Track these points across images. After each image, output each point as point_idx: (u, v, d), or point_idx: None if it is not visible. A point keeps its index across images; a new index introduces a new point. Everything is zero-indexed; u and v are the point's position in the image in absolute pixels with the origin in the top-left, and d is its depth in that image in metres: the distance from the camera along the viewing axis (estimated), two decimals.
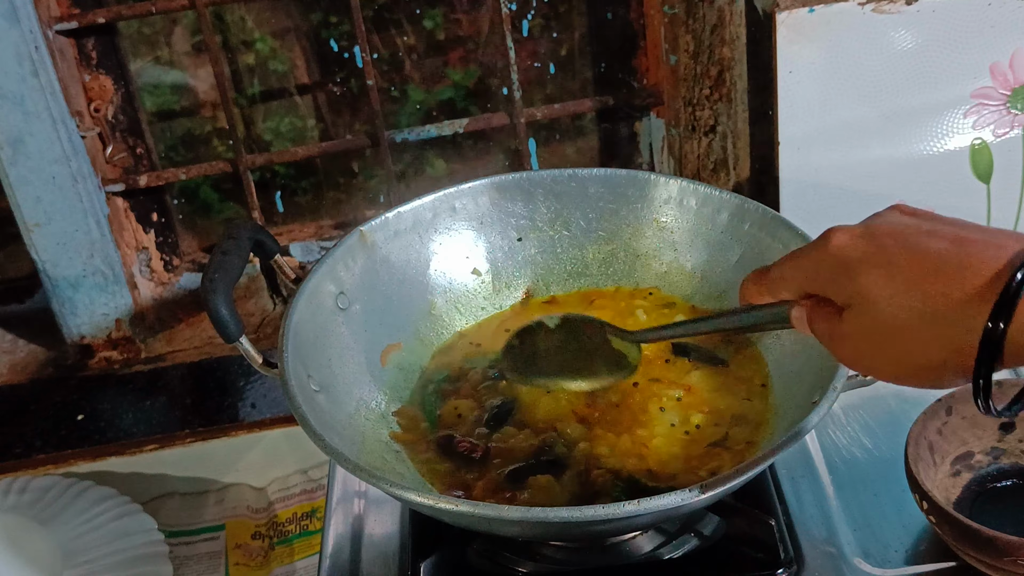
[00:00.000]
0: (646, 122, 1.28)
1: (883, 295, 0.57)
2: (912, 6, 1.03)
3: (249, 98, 1.32)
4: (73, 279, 1.20)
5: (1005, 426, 0.90)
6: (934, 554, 0.86)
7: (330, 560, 0.92)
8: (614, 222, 1.00)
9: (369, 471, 0.74)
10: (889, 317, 0.57)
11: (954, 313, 0.54)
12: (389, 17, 1.29)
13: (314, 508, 1.15)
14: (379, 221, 0.96)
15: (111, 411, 1.21)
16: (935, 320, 0.55)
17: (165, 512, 1.16)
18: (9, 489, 1.09)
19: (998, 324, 0.53)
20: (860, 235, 0.59)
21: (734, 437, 0.84)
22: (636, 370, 0.83)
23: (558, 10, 1.28)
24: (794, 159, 1.09)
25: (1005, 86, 1.07)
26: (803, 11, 1.03)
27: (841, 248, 0.59)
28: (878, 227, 0.59)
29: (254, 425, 1.17)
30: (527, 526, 0.74)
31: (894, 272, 0.57)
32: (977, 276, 0.54)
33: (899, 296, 0.56)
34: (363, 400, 0.89)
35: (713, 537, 0.87)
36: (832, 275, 0.60)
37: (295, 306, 0.86)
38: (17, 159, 1.13)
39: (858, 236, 0.59)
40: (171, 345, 1.26)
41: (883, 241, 0.58)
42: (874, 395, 0.99)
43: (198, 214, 1.35)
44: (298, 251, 1.29)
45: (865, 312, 0.58)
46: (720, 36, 1.12)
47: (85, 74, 1.19)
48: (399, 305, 0.96)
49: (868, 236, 0.59)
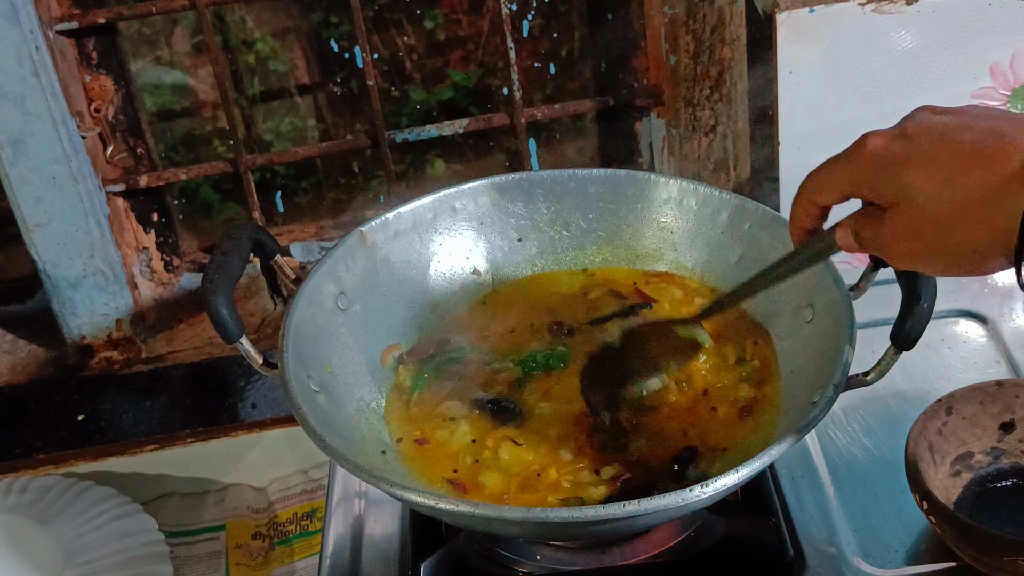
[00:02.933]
0: (646, 122, 1.28)
1: (925, 190, 0.59)
2: (912, 6, 1.03)
3: (249, 98, 1.32)
4: (73, 279, 1.20)
5: (1005, 426, 0.90)
6: (934, 554, 0.86)
7: (330, 560, 0.92)
8: (614, 222, 1.00)
9: (369, 471, 0.74)
10: (933, 211, 0.59)
11: (993, 198, 0.57)
12: (389, 17, 1.29)
13: (314, 508, 1.15)
14: (379, 221, 0.96)
15: (111, 411, 1.21)
16: (977, 207, 0.57)
17: (165, 512, 1.16)
18: (9, 489, 1.09)
19: None
20: (896, 136, 0.61)
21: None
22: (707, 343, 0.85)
23: (558, 10, 1.28)
24: (794, 159, 1.09)
25: (1005, 86, 1.07)
26: (803, 11, 1.03)
27: (878, 150, 0.61)
28: (913, 126, 0.61)
29: (254, 425, 1.17)
30: (527, 526, 0.74)
31: (933, 167, 0.59)
32: (1011, 160, 0.56)
33: (940, 189, 0.58)
34: (363, 400, 0.89)
35: (713, 537, 0.87)
36: (872, 177, 0.62)
37: (295, 306, 0.86)
38: (18, 159, 1.13)
39: (894, 137, 0.61)
40: (171, 345, 1.26)
41: (919, 139, 0.60)
42: (874, 395, 0.99)
43: (198, 214, 1.35)
44: (298, 251, 1.29)
45: (909, 209, 0.60)
46: (720, 36, 1.13)
47: (85, 74, 1.19)
48: (399, 305, 0.96)
49: (903, 136, 0.61)
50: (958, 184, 0.58)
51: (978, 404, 0.90)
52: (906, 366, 0.92)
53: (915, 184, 0.59)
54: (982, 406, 0.90)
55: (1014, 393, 0.90)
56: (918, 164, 0.59)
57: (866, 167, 0.62)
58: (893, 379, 0.92)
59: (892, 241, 0.62)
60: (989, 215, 0.57)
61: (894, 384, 1.00)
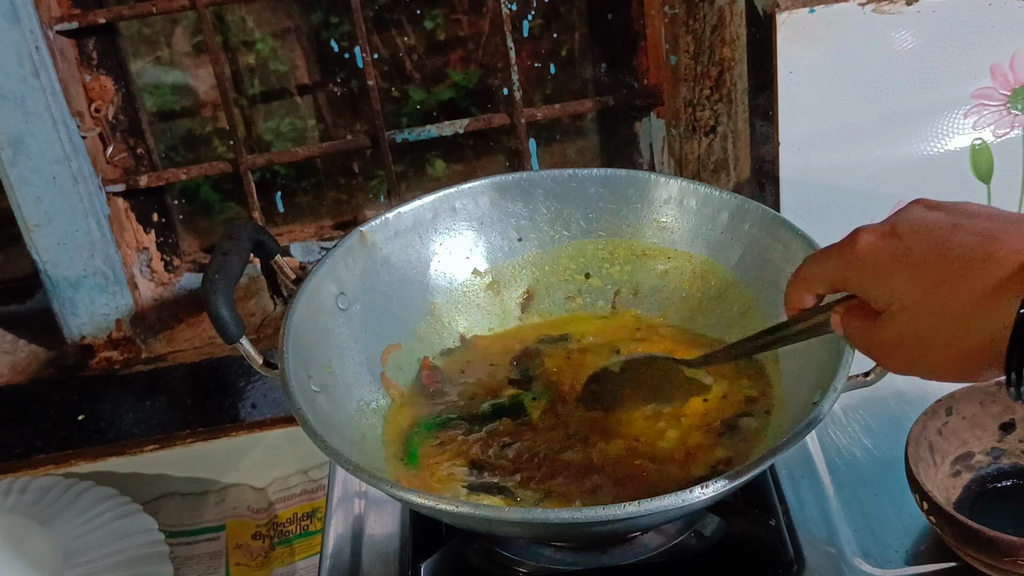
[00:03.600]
0: (646, 122, 1.28)
1: (912, 298, 0.57)
2: (912, 6, 1.03)
3: (250, 98, 1.32)
4: (74, 279, 1.20)
5: (1005, 426, 0.90)
6: (934, 554, 0.86)
7: (330, 560, 0.92)
8: (614, 222, 1.00)
9: (369, 471, 0.74)
10: (922, 319, 0.57)
11: (984, 307, 0.54)
12: (389, 18, 1.29)
13: (314, 508, 1.15)
14: (379, 221, 0.96)
15: (112, 411, 1.21)
16: (967, 316, 0.55)
17: (165, 512, 1.16)
18: (9, 489, 1.09)
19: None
20: (886, 235, 0.59)
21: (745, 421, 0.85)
22: (711, 388, 0.85)
23: (558, 10, 1.28)
24: (794, 159, 1.08)
25: (1005, 86, 1.07)
26: (803, 11, 1.03)
27: (868, 250, 0.60)
28: (903, 225, 0.59)
29: (254, 425, 1.18)
30: (527, 527, 0.74)
31: (921, 274, 0.57)
32: (1003, 268, 0.54)
33: (929, 297, 0.56)
34: (363, 400, 0.89)
35: (713, 537, 0.87)
36: (861, 279, 0.60)
37: (295, 306, 0.86)
38: (18, 159, 1.13)
39: (884, 236, 0.59)
40: (172, 345, 1.26)
41: (908, 241, 0.58)
42: (874, 395, 0.99)
43: (199, 214, 1.35)
44: (298, 251, 1.29)
45: (898, 317, 0.58)
46: (720, 36, 1.13)
47: (86, 74, 1.19)
48: (399, 305, 0.96)
49: (894, 236, 0.59)
50: (946, 292, 0.56)
51: (978, 404, 0.90)
52: None
53: (902, 291, 0.58)
54: (982, 406, 0.90)
55: None
56: (906, 270, 0.58)
57: (855, 268, 0.61)
58: (893, 379, 0.91)
59: (882, 347, 0.61)
60: (978, 325, 0.55)
61: (894, 384, 1.00)
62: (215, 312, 0.79)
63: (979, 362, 0.56)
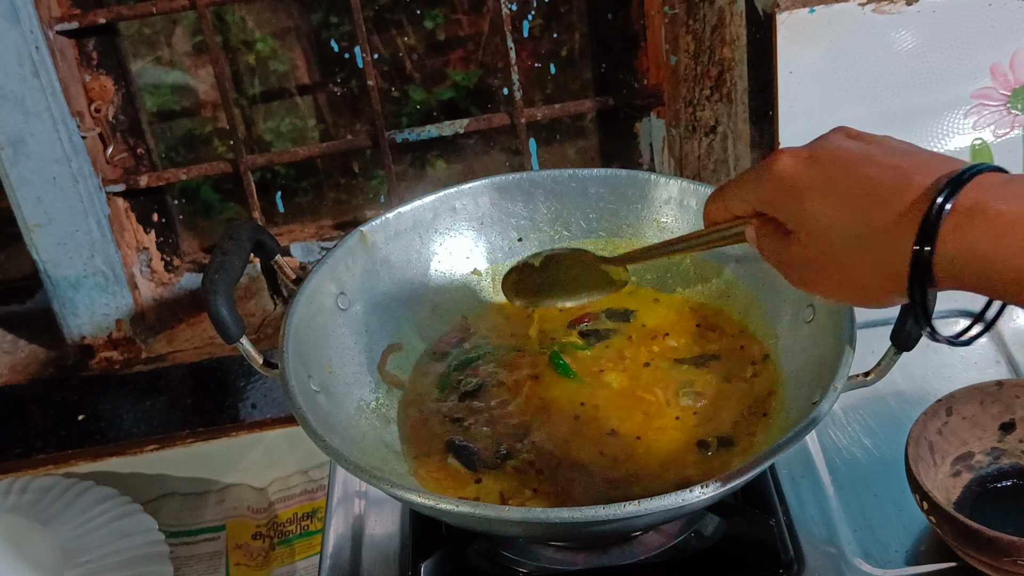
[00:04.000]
0: (646, 122, 1.28)
1: (823, 222, 0.59)
2: (912, 6, 1.03)
3: (250, 98, 1.32)
4: (74, 279, 1.20)
5: (1005, 426, 0.90)
6: (934, 554, 0.86)
7: (330, 560, 0.92)
8: (614, 222, 1.00)
9: (369, 471, 0.74)
10: (831, 242, 0.59)
11: (886, 237, 0.56)
12: (390, 18, 1.29)
13: (315, 508, 1.15)
14: (379, 221, 0.96)
15: (112, 411, 1.21)
16: (872, 245, 0.57)
17: (166, 512, 1.16)
18: (9, 489, 1.09)
19: (923, 247, 0.54)
20: (805, 159, 0.61)
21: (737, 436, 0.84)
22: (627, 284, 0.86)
23: (558, 11, 1.28)
24: None
25: (1005, 86, 1.07)
26: (803, 11, 1.03)
27: (787, 172, 0.61)
28: (823, 151, 0.61)
29: (255, 425, 1.18)
30: (527, 526, 0.74)
31: (835, 198, 0.59)
32: (904, 201, 0.56)
33: (840, 222, 0.58)
34: (363, 400, 0.89)
35: (713, 537, 0.87)
36: (779, 198, 0.62)
37: (295, 306, 0.86)
38: (18, 159, 1.13)
39: (803, 160, 0.61)
40: (172, 345, 1.26)
41: (826, 166, 0.60)
42: (874, 395, 0.99)
43: (199, 214, 1.35)
44: (299, 251, 1.29)
45: (809, 238, 0.60)
46: (720, 36, 1.13)
47: (86, 74, 1.19)
48: (399, 305, 0.96)
49: (812, 160, 0.61)
50: (855, 219, 0.58)
51: (978, 404, 0.90)
52: (906, 366, 0.92)
53: (815, 214, 0.59)
54: (982, 406, 0.90)
55: (1014, 393, 0.90)
56: (820, 193, 0.59)
57: (772, 189, 0.62)
58: (893, 379, 0.92)
59: (790, 263, 0.63)
60: (881, 254, 0.57)
61: (894, 384, 1.00)
62: (215, 312, 0.79)
63: (881, 289, 0.58)
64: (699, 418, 0.86)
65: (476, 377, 0.92)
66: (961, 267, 0.54)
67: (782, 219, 0.62)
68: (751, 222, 0.66)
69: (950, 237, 0.54)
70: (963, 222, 0.53)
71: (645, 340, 0.94)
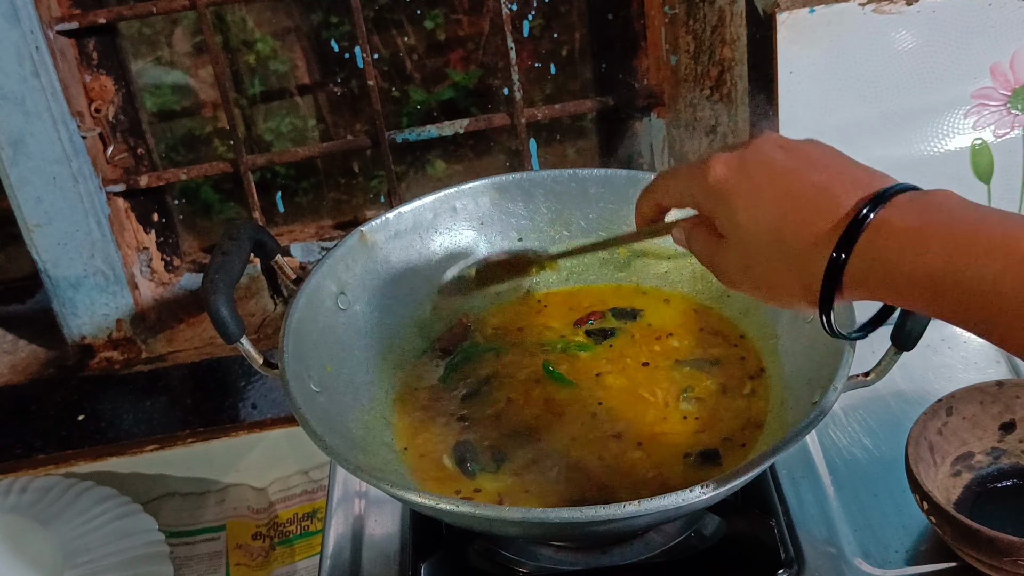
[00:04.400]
0: (646, 122, 1.28)
1: (749, 231, 0.63)
2: (912, 6, 1.03)
3: (250, 98, 1.32)
4: (74, 279, 1.20)
5: (1005, 426, 0.90)
6: (934, 554, 0.86)
7: (331, 561, 0.92)
8: (614, 222, 1.00)
9: (369, 472, 0.74)
10: (756, 250, 0.63)
11: (807, 249, 0.61)
12: (390, 18, 1.29)
13: (315, 509, 1.15)
14: (380, 221, 0.96)
15: (112, 411, 1.21)
16: (792, 255, 0.62)
17: (166, 512, 1.16)
18: (10, 489, 1.09)
19: (839, 258, 0.59)
20: (736, 166, 0.64)
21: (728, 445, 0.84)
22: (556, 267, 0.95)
23: (559, 10, 1.28)
24: None
25: (1005, 86, 1.07)
26: (804, 11, 1.03)
27: (718, 178, 0.65)
28: (753, 161, 0.64)
29: (255, 425, 1.17)
30: (527, 526, 0.74)
31: (762, 209, 0.63)
32: (825, 220, 0.60)
33: (765, 232, 0.63)
34: (363, 400, 0.89)
35: (713, 537, 0.87)
36: (707, 202, 0.66)
37: (296, 306, 0.86)
38: (18, 159, 1.13)
39: (734, 167, 0.64)
40: (172, 345, 1.26)
41: (756, 178, 0.63)
42: (874, 395, 0.99)
43: (199, 214, 1.35)
44: (299, 251, 1.29)
45: (737, 243, 0.65)
46: (721, 36, 1.13)
47: (86, 74, 1.19)
48: (399, 305, 0.96)
49: (743, 171, 0.64)
50: (779, 229, 0.62)
51: (978, 404, 0.90)
52: (906, 366, 0.92)
53: (741, 222, 0.64)
54: (982, 406, 0.90)
55: (1014, 393, 0.90)
56: (750, 206, 0.63)
57: (705, 193, 0.66)
58: (893, 379, 0.92)
59: (718, 263, 0.68)
60: (800, 264, 0.61)
61: (894, 384, 1.00)
62: (215, 312, 0.79)
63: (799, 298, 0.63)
64: (700, 423, 0.86)
65: (476, 378, 0.92)
66: (866, 275, 0.59)
67: (714, 223, 0.66)
68: (682, 226, 0.70)
69: (861, 250, 0.59)
70: (873, 236, 0.58)
71: (648, 340, 0.94)
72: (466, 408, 0.89)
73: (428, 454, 0.86)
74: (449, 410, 0.90)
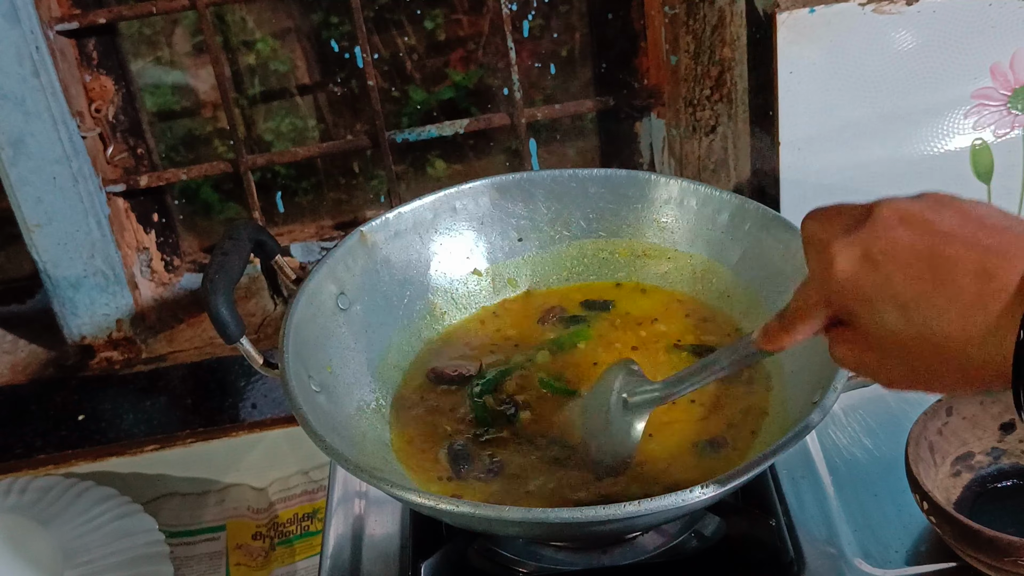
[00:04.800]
0: (646, 122, 1.28)
1: (908, 334, 0.56)
2: (912, 6, 1.03)
3: (250, 98, 1.32)
4: (74, 279, 1.20)
5: (1005, 426, 0.90)
6: (934, 554, 0.86)
7: (331, 561, 0.92)
8: (614, 222, 1.00)
9: (369, 472, 0.74)
10: (919, 354, 0.56)
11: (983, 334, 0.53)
12: (390, 18, 1.29)
13: (315, 509, 1.15)
14: (380, 222, 0.96)
15: (112, 411, 1.21)
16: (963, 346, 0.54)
17: (166, 512, 1.16)
18: (10, 489, 1.09)
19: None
20: (861, 260, 0.57)
21: (732, 439, 0.84)
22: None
23: (559, 11, 1.28)
24: (794, 159, 1.09)
25: (1005, 87, 1.07)
26: (804, 11, 1.03)
27: (848, 278, 0.57)
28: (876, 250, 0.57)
29: (255, 425, 1.17)
30: (527, 526, 0.74)
31: (911, 308, 0.55)
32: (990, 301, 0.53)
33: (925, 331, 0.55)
34: (363, 400, 0.89)
35: (713, 537, 0.87)
36: (848, 306, 0.59)
37: (296, 306, 0.86)
38: (18, 159, 1.13)
39: (860, 262, 0.57)
40: (172, 345, 1.26)
41: (886, 269, 0.56)
42: (874, 395, 0.99)
43: (199, 214, 1.35)
44: (299, 251, 1.29)
45: (893, 350, 0.57)
46: (721, 36, 1.12)
47: (86, 74, 1.19)
48: (400, 306, 0.96)
49: (869, 263, 0.56)
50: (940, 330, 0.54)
51: (978, 404, 0.90)
52: None
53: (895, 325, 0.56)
54: (982, 406, 0.90)
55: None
56: (893, 305, 0.56)
57: (839, 296, 0.58)
58: None
59: (876, 372, 0.60)
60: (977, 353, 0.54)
61: None
62: (215, 312, 0.79)
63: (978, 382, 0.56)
64: (704, 409, 0.86)
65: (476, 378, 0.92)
66: None
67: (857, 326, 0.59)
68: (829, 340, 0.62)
69: None
70: None
71: (631, 326, 0.94)
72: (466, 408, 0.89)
73: (428, 454, 0.86)
74: (448, 410, 0.90)
